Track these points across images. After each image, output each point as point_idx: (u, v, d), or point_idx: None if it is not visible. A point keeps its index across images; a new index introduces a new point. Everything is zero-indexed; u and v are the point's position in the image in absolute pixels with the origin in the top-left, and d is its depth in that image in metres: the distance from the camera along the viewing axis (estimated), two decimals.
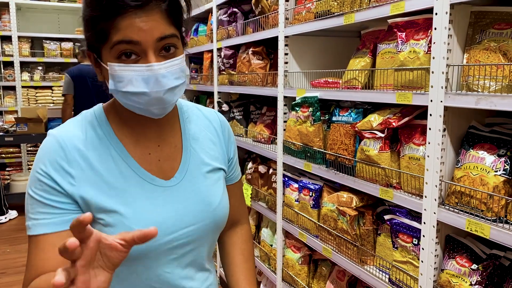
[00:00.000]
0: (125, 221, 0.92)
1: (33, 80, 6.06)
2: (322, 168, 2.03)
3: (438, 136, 1.44)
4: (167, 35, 0.89)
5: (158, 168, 1.01)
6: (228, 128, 1.18)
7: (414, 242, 1.58)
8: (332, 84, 2.01)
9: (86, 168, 0.93)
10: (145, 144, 1.01)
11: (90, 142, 0.96)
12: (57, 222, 0.90)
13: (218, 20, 3.26)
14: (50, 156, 0.92)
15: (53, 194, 0.90)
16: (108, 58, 0.89)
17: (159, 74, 0.88)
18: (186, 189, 1.02)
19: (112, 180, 0.94)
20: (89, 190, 0.92)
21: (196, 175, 1.05)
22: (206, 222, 1.03)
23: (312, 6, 2.08)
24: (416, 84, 1.52)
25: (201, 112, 1.15)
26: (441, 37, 1.40)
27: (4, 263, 3.98)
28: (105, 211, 0.92)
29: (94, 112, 1.02)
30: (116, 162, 0.96)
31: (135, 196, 0.95)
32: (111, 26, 0.86)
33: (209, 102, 3.76)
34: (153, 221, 0.94)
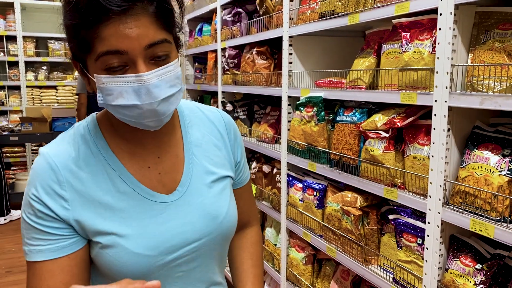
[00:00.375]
0: (124, 243, 0.86)
1: (37, 79, 6.08)
2: (327, 167, 2.04)
3: (442, 136, 1.44)
4: (157, 41, 0.80)
5: (158, 182, 0.93)
6: (234, 129, 1.09)
7: (419, 242, 1.59)
8: (337, 84, 2.01)
9: (80, 189, 0.87)
10: (143, 157, 0.94)
11: (83, 160, 0.88)
12: (53, 248, 0.85)
13: (222, 20, 3.27)
14: (40, 179, 0.85)
15: (47, 220, 0.85)
16: (94, 70, 0.81)
17: (151, 84, 0.79)
18: (190, 203, 0.95)
19: (108, 199, 0.88)
20: (83, 212, 0.86)
21: (200, 187, 0.97)
22: (212, 236, 0.96)
23: (316, 6, 2.09)
24: (420, 84, 1.53)
25: (203, 114, 1.06)
26: (445, 37, 1.40)
27: (10, 262, 4.01)
28: (102, 234, 0.86)
29: (87, 124, 0.94)
30: (112, 179, 0.89)
31: (134, 216, 0.89)
32: (94, 35, 0.77)
33: (213, 101, 3.78)
34: (154, 241, 0.88)
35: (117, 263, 0.86)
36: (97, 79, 0.81)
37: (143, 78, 0.79)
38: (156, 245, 0.89)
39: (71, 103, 6.19)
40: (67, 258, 0.86)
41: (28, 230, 0.86)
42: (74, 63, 0.89)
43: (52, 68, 6.31)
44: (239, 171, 1.10)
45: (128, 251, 0.86)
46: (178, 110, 1.03)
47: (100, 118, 0.96)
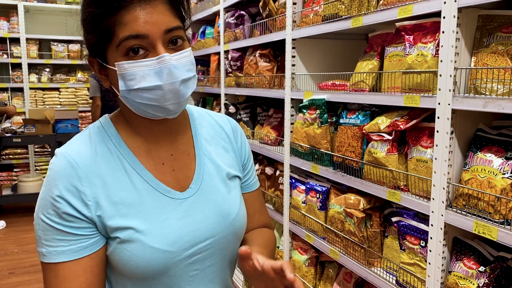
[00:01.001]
0: (143, 238, 0.88)
1: (40, 81, 6.10)
2: (330, 170, 2.04)
3: (445, 138, 1.44)
4: (174, 27, 0.86)
5: (173, 179, 0.96)
6: (240, 133, 1.13)
7: (422, 244, 1.59)
8: (340, 87, 2.02)
9: (100, 185, 0.88)
10: (158, 154, 0.96)
11: (101, 157, 0.91)
12: (75, 249, 0.86)
13: (225, 23, 3.28)
14: (62, 178, 0.86)
15: (70, 219, 0.85)
16: (115, 58, 0.86)
17: (171, 65, 0.85)
18: (202, 201, 0.97)
19: (126, 195, 0.90)
20: (103, 208, 0.87)
21: (211, 184, 1.00)
22: (224, 233, 0.98)
23: (319, 9, 2.09)
24: (423, 87, 1.53)
25: (212, 118, 1.10)
26: (449, 40, 1.41)
27: (12, 263, 4.02)
28: (120, 229, 0.88)
29: (101, 124, 0.97)
30: (129, 175, 0.91)
31: (151, 211, 0.90)
32: (116, 22, 0.83)
33: (216, 104, 3.79)
34: (171, 237, 0.90)
35: (135, 258, 0.87)
36: (119, 66, 0.86)
37: (164, 59, 0.84)
38: (174, 241, 0.90)
39: (74, 105, 6.21)
40: (88, 258, 0.87)
41: (47, 231, 0.86)
42: (91, 62, 0.93)
43: (55, 70, 6.34)
44: (247, 173, 1.12)
45: (147, 246, 0.87)
46: (188, 112, 1.07)
47: (114, 117, 0.99)
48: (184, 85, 0.88)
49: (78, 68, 6.42)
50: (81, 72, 6.38)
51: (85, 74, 6.36)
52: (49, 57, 6.12)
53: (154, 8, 0.84)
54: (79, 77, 6.34)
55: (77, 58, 6.20)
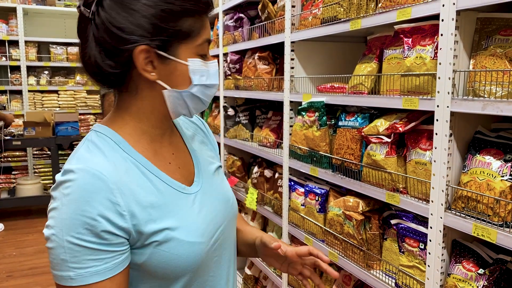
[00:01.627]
0: (178, 235, 0.91)
1: (39, 84, 6.10)
2: (329, 172, 2.04)
3: (444, 141, 1.45)
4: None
5: (181, 176, 1.01)
6: (208, 128, 1.24)
7: (421, 247, 1.59)
8: (338, 89, 2.02)
9: (129, 194, 0.87)
10: (163, 155, 1.00)
11: (119, 165, 0.89)
12: (110, 266, 0.83)
13: (224, 26, 3.29)
14: (94, 194, 0.82)
15: (107, 237, 0.82)
16: (189, 55, 0.93)
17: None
18: (209, 191, 1.04)
19: (151, 198, 0.90)
20: (137, 215, 0.87)
21: (209, 176, 1.08)
22: (229, 217, 1.08)
23: (318, 12, 2.10)
24: (422, 90, 1.54)
25: (185, 117, 1.17)
26: (447, 43, 1.41)
27: (10, 266, 4.00)
28: (156, 232, 0.88)
29: (102, 133, 0.93)
30: (148, 178, 0.92)
31: (176, 209, 0.94)
32: (202, 24, 0.93)
33: (215, 106, 3.79)
34: (200, 229, 0.96)
35: (173, 256, 0.90)
36: (193, 62, 0.93)
37: (216, 64, 1.00)
38: (202, 232, 0.96)
39: (73, 108, 6.21)
40: (122, 274, 0.86)
41: (77, 253, 0.81)
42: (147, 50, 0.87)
43: (54, 72, 6.34)
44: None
45: (183, 242, 0.91)
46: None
47: (111, 123, 0.96)
48: None
49: (77, 71, 6.41)
50: (80, 74, 6.37)
51: (84, 77, 6.36)
52: (48, 60, 6.12)
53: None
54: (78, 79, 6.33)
55: (76, 60, 6.21)
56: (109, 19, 0.86)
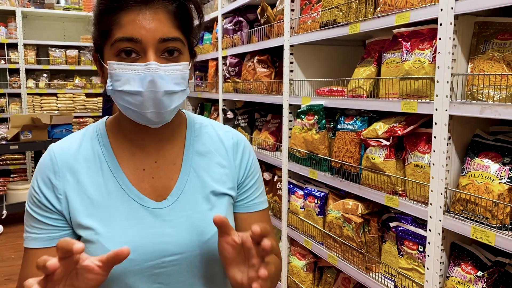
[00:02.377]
0: (101, 240, 0.88)
1: (38, 87, 6.10)
2: (328, 175, 2.05)
3: (443, 144, 1.46)
4: (171, 38, 0.85)
5: (150, 187, 0.94)
6: (243, 150, 1.04)
7: (420, 249, 1.60)
8: (337, 93, 2.03)
9: (72, 181, 0.91)
10: (141, 160, 0.95)
11: (82, 154, 0.94)
12: (45, 238, 0.90)
13: (223, 29, 3.30)
14: (42, 170, 0.93)
15: (43, 209, 0.91)
16: (109, 57, 0.87)
17: (156, 75, 0.83)
18: (178, 214, 0.93)
19: (96, 195, 0.91)
20: (71, 204, 0.90)
21: (192, 199, 0.95)
22: (195, 252, 0.92)
23: (317, 16, 2.11)
24: (421, 93, 1.55)
25: (215, 131, 1.05)
26: (445, 47, 1.42)
27: (9, 269, 3.99)
28: (83, 228, 0.90)
29: (97, 124, 1.00)
30: (104, 176, 0.93)
31: (115, 215, 0.90)
32: (114, 21, 0.85)
33: (214, 109, 3.80)
34: (132, 243, 0.86)
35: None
36: (110, 65, 0.86)
37: (150, 67, 0.84)
38: (133, 248, 0.84)
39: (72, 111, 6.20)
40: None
41: (28, 217, 0.93)
42: (94, 56, 0.95)
43: (53, 75, 6.33)
44: (245, 192, 1.03)
45: (104, 249, 0.87)
46: (189, 123, 1.04)
47: (110, 120, 1.01)
48: (168, 97, 0.86)
49: (75, 74, 6.42)
50: (79, 77, 6.38)
51: (83, 80, 6.36)
52: (47, 63, 6.12)
53: (154, 15, 0.84)
54: (77, 82, 6.33)
55: (74, 63, 6.21)
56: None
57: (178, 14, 0.88)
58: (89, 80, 6.40)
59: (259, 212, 1.06)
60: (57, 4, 6.23)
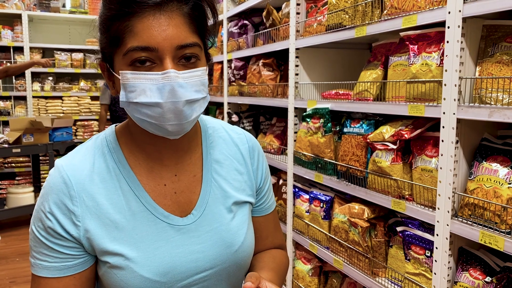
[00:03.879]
0: (133, 266, 0.83)
1: (43, 90, 6.12)
2: (333, 179, 2.04)
3: (451, 148, 1.44)
4: (189, 44, 0.79)
5: (173, 202, 0.89)
6: (258, 154, 1.02)
7: (427, 254, 1.58)
8: (343, 96, 2.02)
9: (91, 205, 0.84)
10: (160, 174, 0.89)
11: (98, 174, 0.86)
12: (60, 267, 0.83)
13: (228, 32, 3.30)
14: (53, 193, 0.83)
15: (57, 237, 0.82)
16: (121, 66, 0.80)
17: (176, 83, 0.77)
18: (204, 228, 0.90)
19: (119, 217, 0.84)
20: (93, 230, 0.83)
21: (216, 211, 0.92)
22: (225, 265, 0.90)
23: (323, 19, 2.11)
24: (428, 97, 1.54)
25: (228, 135, 1.01)
26: (453, 50, 1.41)
27: (14, 272, 4.00)
28: (110, 254, 0.83)
29: (105, 136, 0.91)
30: (125, 195, 0.86)
31: (144, 237, 0.85)
32: (126, 29, 0.77)
33: (219, 112, 3.79)
34: (163, 267, 0.84)
35: (124, 285, 0.83)
36: (122, 75, 0.79)
37: (169, 75, 0.77)
38: (166, 271, 0.85)
39: (76, 114, 6.23)
40: (72, 278, 0.85)
41: (36, 243, 0.84)
42: (101, 66, 0.88)
43: (58, 78, 6.36)
44: (262, 197, 1.03)
45: (137, 275, 0.83)
46: (202, 129, 0.99)
47: (120, 130, 0.93)
48: (189, 106, 0.80)
49: (81, 77, 6.44)
50: (84, 80, 6.40)
51: (88, 83, 6.38)
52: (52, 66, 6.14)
53: (170, 20, 0.77)
54: (82, 85, 6.36)
55: (80, 66, 6.23)
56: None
57: (194, 16, 0.81)
58: (94, 83, 6.42)
59: (272, 212, 1.08)
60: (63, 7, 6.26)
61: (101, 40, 0.85)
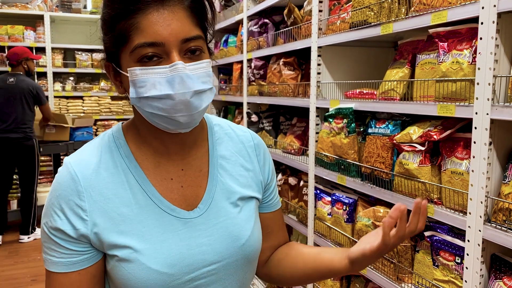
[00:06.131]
0: (141, 258, 0.84)
1: (65, 90, 6.19)
2: (357, 181, 1.98)
3: (483, 150, 1.37)
4: (193, 37, 0.81)
5: (180, 196, 0.91)
6: (263, 151, 1.05)
7: (457, 261, 1.51)
8: (368, 95, 1.96)
9: (98, 200, 0.85)
10: (167, 168, 0.91)
11: (104, 169, 0.87)
12: (65, 263, 0.85)
13: (248, 31, 3.26)
14: (61, 189, 0.85)
15: (64, 233, 0.84)
16: (128, 63, 0.82)
17: (184, 74, 0.79)
18: (211, 222, 0.91)
19: (126, 210, 0.86)
20: (101, 224, 0.84)
21: (223, 205, 0.93)
22: (233, 259, 0.92)
23: (347, 16, 2.05)
24: (459, 96, 1.47)
25: (234, 133, 1.03)
26: (487, 47, 1.34)
27: (35, 270, 4.04)
28: (118, 247, 0.84)
29: (112, 133, 0.93)
30: (132, 189, 0.87)
31: (151, 230, 0.86)
32: (132, 26, 0.79)
33: (238, 112, 3.76)
34: (171, 258, 0.85)
35: (132, 278, 0.84)
36: (131, 72, 0.81)
37: (177, 67, 0.79)
38: (173, 263, 0.86)
39: (97, 114, 6.28)
40: (77, 274, 0.86)
41: (46, 239, 0.87)
42: (106, 66, 0.90)
43: (79, 79, 6.43)
44: (270, 193, 1.06)
45: (145, 267, 0.84)
46: (208, 125, 1.01)
47: (126, 126, 0.95)
48: (198, 97, 0.82)
49: (101, 77, 6.50)
50: (104, 80, 6.45)
51: (108, 83, 6.43)
52: (73, 66, 6.21)
53: (173, 15, 0.80)
54: (102, 85, 6.41)
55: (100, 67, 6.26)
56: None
57: (195, 9, 0.84)
58: None
59: (279, 209, 1.10)
60: (84, 8, 6.33)
61: (105, 40, 0.86)
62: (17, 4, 5.83)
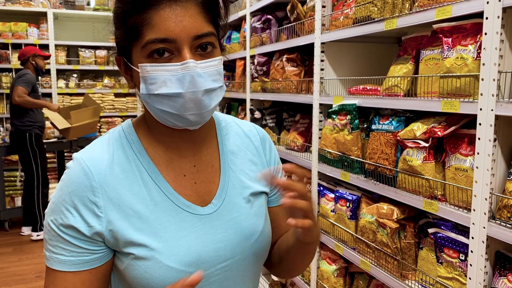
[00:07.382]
0: (157, 256, 0.82)
1: (68, 87, 6.21)
2: (361, 178, 1.97)
3: (488, 146, 1.36)
4: (205, 33, 0.81)
5: (193, 192, 0.90)
6: (269, 144, 1.06)
7: (461, 258, 1.50)
8: (371, 92, 1.95)
9: (113, 196, 0.83)
10: (180, 165, 0.90)
11: (118, 165, 0.86)
12: (76, 261, 0.83)
13: (251, 27, 3.25)
14: (73, 185, 0.83)
15: (77, 231, 0.82)
16: (139, 59, 0.81)
17: (195, 73, 0.79)
18: (225, 218, 0.90)
19: (142, 208, 0.84)
20: (116, 221, 0.82)
21: (236, 201, 0.93)
22: (245, 255, 0.91)
23: (350, 12, 2.03)
24: (463, 92, 1.45)
25: (240, 128, 1.03)
26: (492, 42, 1.33)
27: (40, 267, 4.06)
28: (134, 245, 0.83)
29: (122, 128, 0.92)
30: (147, 186, 0.86)
31: (167, 227, 0.84)
32: (144, 21, 0.79)
33: (241, 109, 3.75)
34: (188, 256, 0.84)
35: (148, 276, 0.82)
36: (142, 68, 0.81)
37: (188, 65, 0.79)
38: (191, 260, 0.85)
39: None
40: (88, 273, 0.84)
41: (53, 237, 0.83)
42: (118, 60, 0.89)
43: (82, 75, 6.44)
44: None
45: (162, 265, 0.82)
46: (216, 121, 1.01)
47: (137, 122, 0.94)
48: (208, 96, 0.82)
49: (105, 74, 6.50)
50: (108, 77, 6.46)
51: (112, 80, 6.44)
52: (77, 63, 6.22)
53: (186, 11, 0.79)
54: (106, 82, 6.42)
55: (103, 64, 6.29)
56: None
57: (208, 5, 0.83)
58: (117, 80, 6.47)
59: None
60: (87, 5, 6.32)
61: (117, 35, 0.86)
62: (20, 1, 5.83)
